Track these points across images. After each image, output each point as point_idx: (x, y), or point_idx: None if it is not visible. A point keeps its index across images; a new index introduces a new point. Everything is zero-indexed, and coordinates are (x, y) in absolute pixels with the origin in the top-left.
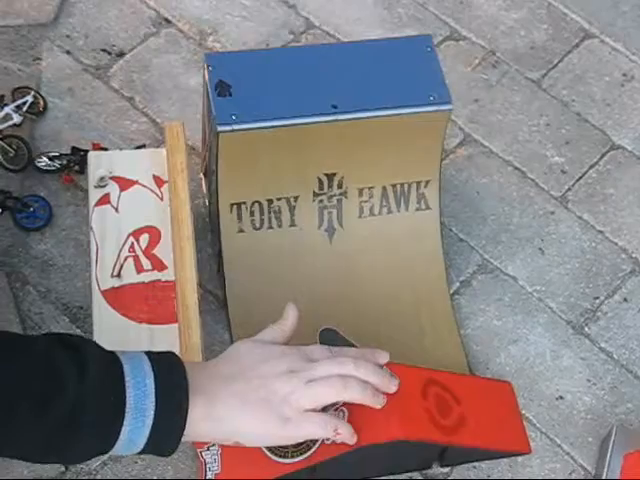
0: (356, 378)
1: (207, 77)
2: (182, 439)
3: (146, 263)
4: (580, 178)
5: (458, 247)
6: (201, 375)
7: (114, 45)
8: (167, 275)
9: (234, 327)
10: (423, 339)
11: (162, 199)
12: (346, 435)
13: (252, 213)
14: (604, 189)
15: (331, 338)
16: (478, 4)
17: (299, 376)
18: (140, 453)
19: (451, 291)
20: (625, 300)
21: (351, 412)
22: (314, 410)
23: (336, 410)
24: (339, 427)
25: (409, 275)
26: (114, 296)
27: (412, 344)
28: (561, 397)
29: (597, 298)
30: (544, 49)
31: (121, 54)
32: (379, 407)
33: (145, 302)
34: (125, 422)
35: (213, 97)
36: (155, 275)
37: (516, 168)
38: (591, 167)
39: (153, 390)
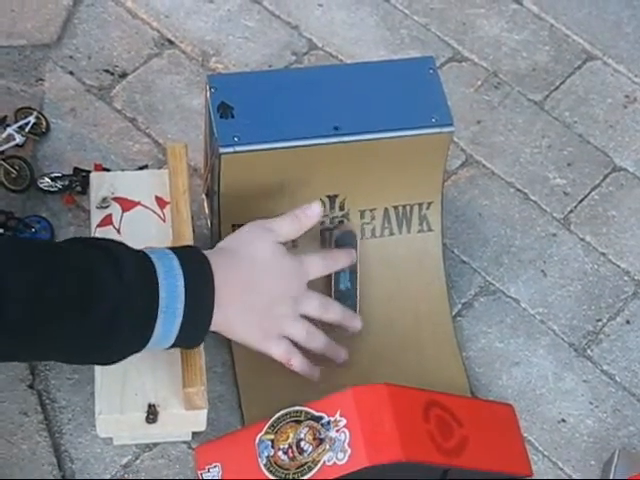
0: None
1: (209, 98)
2: None
3: None
4: (582, 200)
5: (460, 269)
6: (222, 275)
7: (117, 66)
8: None
9: (235, 348)
10: (425, 361)
11: (164, 220)
12: (297, 367)
13: None
14: (606, 211)
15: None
16: (480, 26)
17: (295, 307)
18: (168, 348)
19: (453, 313)
20: (627, 322)
21: (353, 433)
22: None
23: (338, 431)
24: (293, 358)
25: (411, 297)
26: None
27: (414, 366)
28: (563, 420)
29: (599, 320)
30: (546, 71)
31: (124, 75)
32: (339, 360)
33: None
34: (158, 322)
35: (215, 118)
36: None
37: (518, 190)
38: (593, 189)
39: (183, 291)
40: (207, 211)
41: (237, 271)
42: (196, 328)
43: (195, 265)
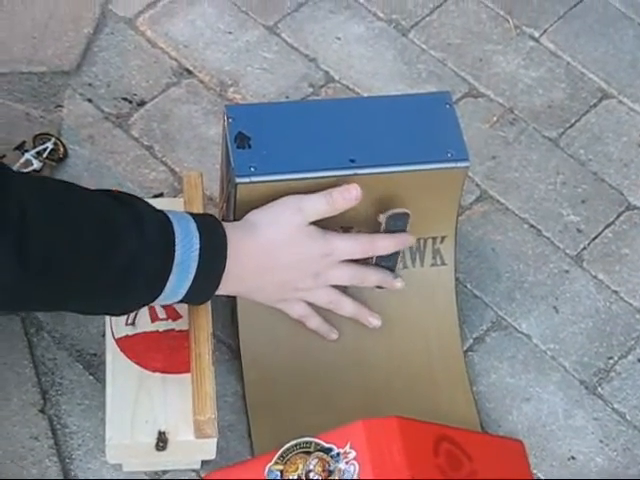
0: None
1: (227, 128)
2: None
3: (161, 312)
4: (596, 237)
5: (472, 303)
6: (235, 247)
7: (135, 94)
8: (181, 325)
9: (247, 378)
10: (436, 395)
11: None
12: (313, 327)
13: None
14: (619, 249)
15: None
16: (497, 62)
17: (318, 281)
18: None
19: (464, 347)
20: (639, 361)
21: (362, 466)
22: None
23: (347, 463)
24: (309, 321)
25: (423, 330)
26: (128, 344)
27: (425, 400)
28: (573, 457)
29: (611, 358)
30: (562, 108)
31: (142, 103)
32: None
33: (159, 351)
34: (171, 278)
35: (232, 148)
36: (169, 324)
37: (532, 226)
38: (607, 227)
39: (198, 253)
40: None
41: (250, 246)
42: (204, 290)
43: (210, 231)
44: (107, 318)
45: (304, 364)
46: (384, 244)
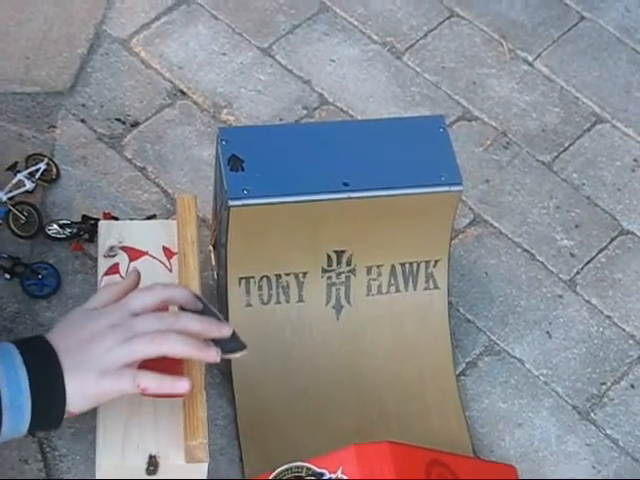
0: (176, 331)
1: (220, 151)
2: None
3: None
4: (589, 262)
5: (465, 328)
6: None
7: (129, 115)
8: None
9: (238, 401)
10: (428, 419)
11: (171, 270)
12: (152, 387)
13: (260, 287)
14: (613, 274)
15: None
16: (491, 85)
17: (117, 331)
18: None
19: (457, 372)
20: (632, 387)
21: None
22: (133, 365)
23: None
24: (142, 381)
25: (415, 354)
26: None
27: (417, 424)
28: None
29: (604, 384)
30: (555, 132)
31: (135, 124)
32: (212, 360)
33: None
34: (4, 421)
35: (225, 171)
36: None
37: (525, 250)
38: (600, 251)
39: (27, 387)
40: (214, 263)
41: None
42: (49, 419)
43: (38, 354)
44: None
45: (296, 388)
46: (179, 291)
